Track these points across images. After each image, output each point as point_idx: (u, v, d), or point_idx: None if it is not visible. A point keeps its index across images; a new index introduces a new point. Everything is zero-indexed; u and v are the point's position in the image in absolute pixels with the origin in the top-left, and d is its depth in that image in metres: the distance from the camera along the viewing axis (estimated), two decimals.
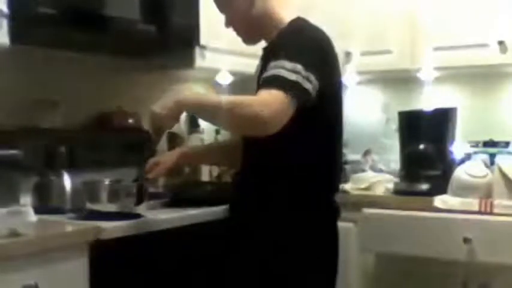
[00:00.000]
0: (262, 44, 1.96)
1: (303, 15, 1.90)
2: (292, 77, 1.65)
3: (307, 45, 1.76)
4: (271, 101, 1.63)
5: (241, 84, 2.86)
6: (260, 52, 1.97)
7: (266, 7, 1.88)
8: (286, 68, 1.65)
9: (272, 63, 1.69)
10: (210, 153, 2.35)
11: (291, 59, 1.67)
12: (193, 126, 2.95)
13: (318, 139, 1.81)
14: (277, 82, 1.64)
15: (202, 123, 2.98)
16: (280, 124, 1.63)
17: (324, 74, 1.74)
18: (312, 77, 1.67)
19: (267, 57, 1.87)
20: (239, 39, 1.99)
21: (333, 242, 1.91)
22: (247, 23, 1.91)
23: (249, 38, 1.95)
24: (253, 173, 1.88)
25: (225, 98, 1.73)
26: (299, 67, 1.66)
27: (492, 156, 2.65)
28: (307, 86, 1.66)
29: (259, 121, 1.62)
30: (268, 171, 1.84)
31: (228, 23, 1.96)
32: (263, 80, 1.69)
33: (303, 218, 1.82)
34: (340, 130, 1.92)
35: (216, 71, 2.89)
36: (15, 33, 1.95)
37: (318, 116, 1.75)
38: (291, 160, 1.79)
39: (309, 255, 1.82)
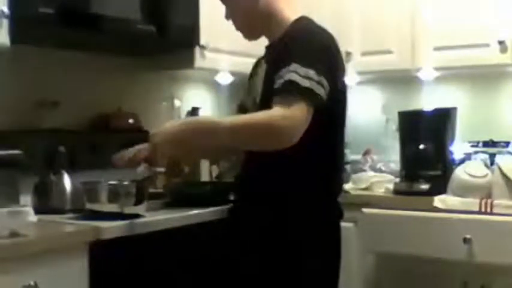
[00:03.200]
0: (265, 43, 1.95)
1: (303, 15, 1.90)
2: (306, 83, 1.64)
3: (317, 49, 1.75)
4: (293, 114, 1.63)
5: (241, 84, 2.86)
6: (261, 52, 1.97)
7: (270, 4, 1.87)
8: (299, 74, 1.65)
9: (284, 69, 1.68)
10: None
11: (303, 64, 1.66)
12: None
13: (322, 140, 1.81)
14: (293, 90, 1.64)
15: None
16: (301, 134, 1.64)
17: (333, 76, 1.74)
18: (324, 81, 1.67)
19: (272, 58, 1.85)
20: (239, 40, 1.98)
21: (335, 244, 1.91)
22: (250, 18, 1.90)
23: (250, 33, 1.94)
24: (257, 174, 1.88)
25: (244, 119, 1.71)
26: (311, 72, 1.65)
27: (492, 156, 2.65)
28: (320, 91, 1.67)
29: (286, 136, 1.63)
30: (271, 172, 1.84)
31: (229, 16, 1.95)
32: (279, 89, 1.68)
33: (306, 219, 1.83)
34: (343, 131, 1.92)
35: (216, 71, 2.89)
36: (15, 33, 1.95)
37: (324, 116, 1.75)
38: (295, 161, 1.79)
39: (312, 256, 1.82)
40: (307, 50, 1.73)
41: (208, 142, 1.78)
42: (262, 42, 1.97)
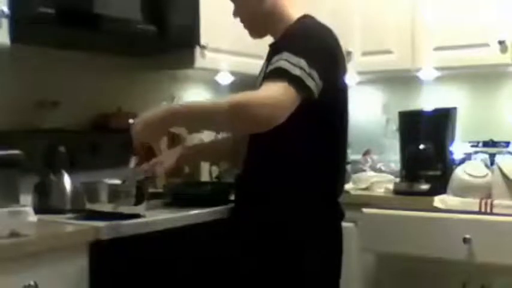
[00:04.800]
0: (265, 43, 1.95)
1: None
2: (296, 72, 1.64)
3: (313, 43, 1.76)
4: (276, 96, 1.62)
5: (241, 84, 2.86)
6: (261, 52, 1.97)
7: (276, 4, 1.89)
8: (290, 62, 1.65)
9: (277, 56, 1.69)
10: (210, 151, 2.35)
11: (296, 53, 1.67)
12: None
13: (323, 140, 1.81)
14: (281, 75, 1.64)
15: None
16: (283, 117, 1.62)
17: (330, 73, 1.74)
18: (315, 75, 1.67)
19: (273, 54, 1.86)
20: (239, 40, 1.99)
21: (336, 244, 1.91)
22: (256, 17, 1.92)
23: (255, 31, 1.96)
24: (257, 174, 1.88)
25: (223, 101, 1.68)
26: (303, 63, 1.65)
27: (492, 156, 2.65)
28: (310, 83, 1.66)
29: (265, 118, 1.61)
30: (272, 172, 1.84)
31: (236, 14, 1.96)
32: (268, 72, 1.69)
33: (306, 220, 1.83)
34: (345, 131, 1.92)
35: (216, 71, 2.89)
36: (15, 33, 1.95)
37: (325, 116, 1.75)
38: (295, 161, 1.79)
39: (312, 256, 1.82)
40: (303, 42, 1.74)
41: (187, 126, 1.78)
42: (263, 42, 1.97)
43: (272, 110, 1.61)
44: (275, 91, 1.63)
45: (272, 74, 1.67)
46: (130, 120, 1.80)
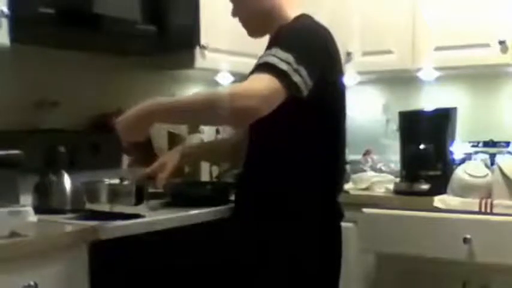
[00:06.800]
0: (265, 43, 1.95)
1: None
2: (283, 66, 1.64)
3: (305, 40, 1.76)
4: (259, 87, 1.62)
5: None
6: (261, 52, 1.97)
7: (274, 4, 1.89)
8: (278, 57, 1.65)
9: (267, 51, 1.70)
10: (210, 151, 2.35)
11: (285, 49, 1.67)
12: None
13: (321, 140, 1.81)
14: (267, 69, 1.64)
15: None
16: (266, 110, 1.62)
17: (324, 72, 1.73)
18: (303, 72, 1.66)
19: None
20: (239, 40, 1.99)
21: (336, 245, 1.91)
22: (254, 16, 1.93)
23: (254, 31, 1.96)
24: (258, 174, 1.88)
25: (204, 94, 1.69)
26: (291, 58, 1.65)
27: (492, 156, 2.65)
28: (296, 79, 1.65)
29: (243, 111, 1.61)
30: (272, 172, 1.84)
31: (235, 13, 1.97)
32: (255, 66, 1.69)
33: (306, 220, 1.83)
34: (343, 131, 1.92)
35: (216, 71, 2.89)
36: (15, 33, 1.95)
37: (322, 116, 1.75)
38: (295, 161, 1.79)
39: (312, 257, 1.82)
40: (294, 38, 1.74)
41: (167, 121, 1.78)
42: (263, 42, 1.97)
43: (255, 102, 1.60)
44: (259, 84, 1.63)
45: (258, 67, 1.67)
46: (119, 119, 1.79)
